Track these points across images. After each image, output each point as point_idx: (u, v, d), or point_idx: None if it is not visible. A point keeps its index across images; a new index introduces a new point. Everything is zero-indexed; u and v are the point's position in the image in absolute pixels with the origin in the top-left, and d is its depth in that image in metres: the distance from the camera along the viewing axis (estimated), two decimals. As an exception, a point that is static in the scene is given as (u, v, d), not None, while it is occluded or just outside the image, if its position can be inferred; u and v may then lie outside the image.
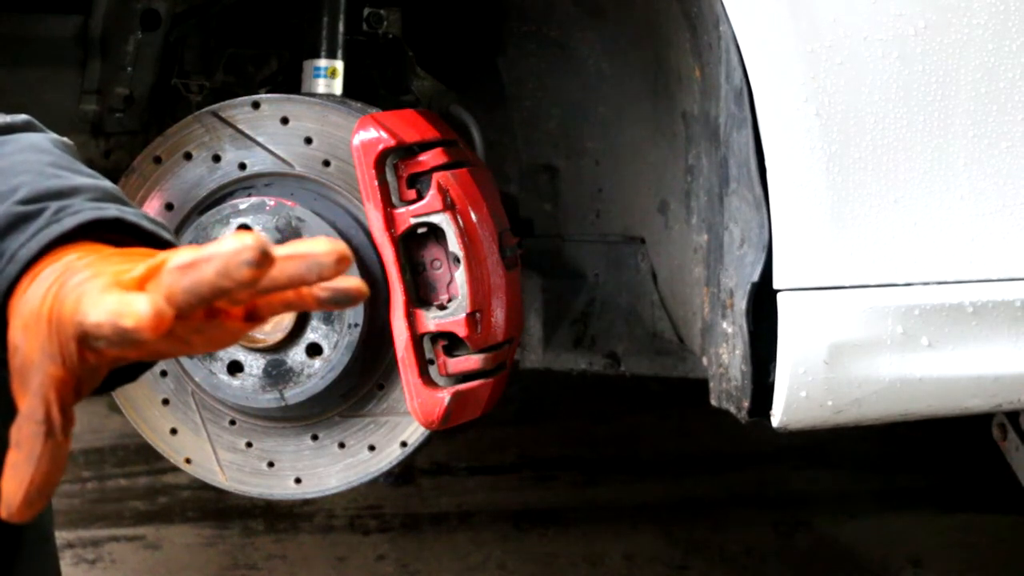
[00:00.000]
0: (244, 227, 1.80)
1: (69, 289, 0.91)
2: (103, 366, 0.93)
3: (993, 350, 1.62)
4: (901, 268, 1.60)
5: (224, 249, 0.85)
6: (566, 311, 2.13)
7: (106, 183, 1.06)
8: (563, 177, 2.15)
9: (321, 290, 0.92)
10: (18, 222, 0.98)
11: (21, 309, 0.93)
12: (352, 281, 0.92)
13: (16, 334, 0.93)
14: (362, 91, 2.02)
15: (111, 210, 1.01)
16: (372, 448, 1.87)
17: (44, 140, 1.11)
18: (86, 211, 0.99)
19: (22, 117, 1.14)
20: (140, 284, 0.89)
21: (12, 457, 0.90)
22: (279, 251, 0.87)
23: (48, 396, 0.90)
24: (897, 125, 1.58)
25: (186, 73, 2.07)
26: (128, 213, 1.01)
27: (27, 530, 1.17)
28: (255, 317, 0.94)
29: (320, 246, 0.87)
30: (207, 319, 0.92)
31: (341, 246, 0.88)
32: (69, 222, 0.98)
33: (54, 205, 0.99)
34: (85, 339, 0.90)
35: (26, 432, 0.90)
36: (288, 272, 0.87)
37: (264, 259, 0.84)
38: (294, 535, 2.87)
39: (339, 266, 0.87)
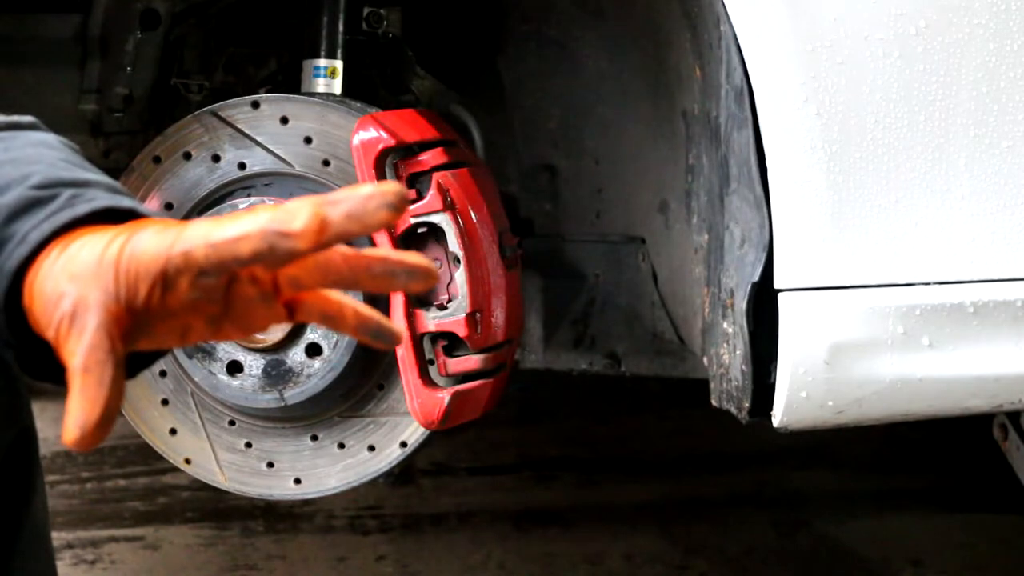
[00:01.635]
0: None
1: (151, 235, 0.92)
2: (158, 320, 0.93)
3: (994, 350, 1.62)
4: (902, 268, 1.60)
5: (361, 191, 0.88)
6: (566, 311, 2.12)
7: (115, 182, 1.07)
8: (563, 177, 2.15)
9: (363, 320, 0.94)
10: (31, 205, 0.98)
11: (66, 266, 0.93)
12: (396, 325, 0.94)
13: (60, 284, 0.92)
14: (362, 91, 2.02)
15: (125, 201, 1.01)
16: (372, 448, 1.87)
17: (53, 139, 1.11)
18: (101, 199, 0.99)
19: (28, 118, 1.14)
20: None
21: (82, 381, 0.89)
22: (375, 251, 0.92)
23: (111, 331, 0.91)
24: (898, 125, 1.58)
25: (186, 73, 2.07)
26: (140, 207, 1.01)
27: (23, 530, 1.17)
28: (294, 313, 0.96)
29: (415, 258, 0.91)
30: (269, 290, 0.94)
31: (432, 267, 0.92)
32: (83, 208, 0.98)
33: (68, 192, 0.99)
34: (182, 273, 0.90)
35: (94, 359, 0.90)
36: (377, 268, 0.91)
37: (402, 205, 0.87)
38: (294, 535, 2.87)
39: (427, 282, 0.91)
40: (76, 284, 0.92)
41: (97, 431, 0.89)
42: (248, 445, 1.90)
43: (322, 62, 1.95)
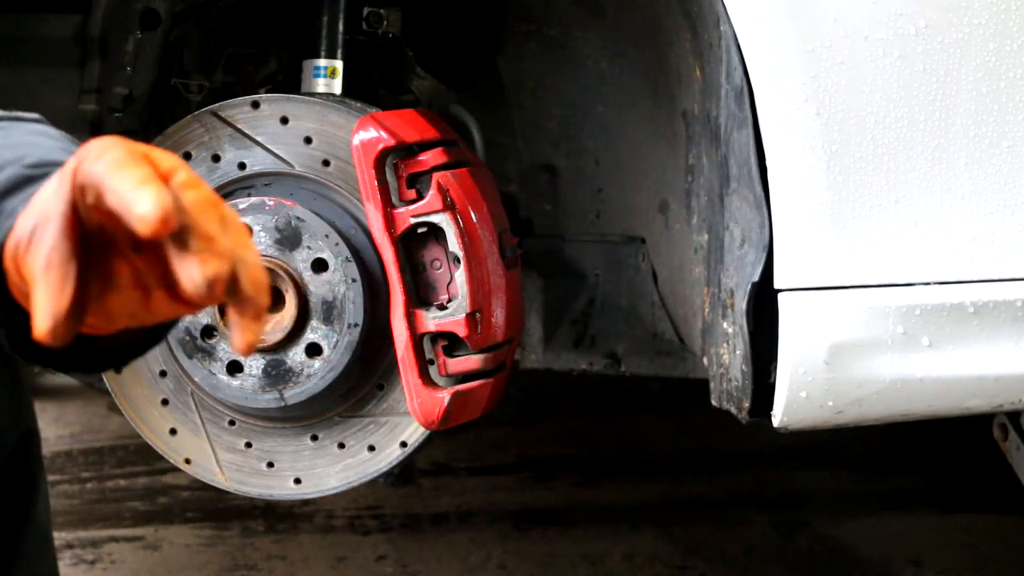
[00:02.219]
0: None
1: (97, 142, 0.90)
2: (106, 250, 0.91)
3: (994, 350, 1.62)
4: (902, 268, 1.60)
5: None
6: (566, 311, 2.13)
7: None
8: (563, 177, 2.15)
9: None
10: (23, 183, 0.98)
11: (31, 206, 0.92)
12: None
13: (25, 218, 0.91)
14: (362, 91, 2.02)
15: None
16: (372, 448, 1.87)
17: (53, 131, 1.11)
18: None
19: (33, 115, 1.14)
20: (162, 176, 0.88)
21: (45, 277, 0.87)
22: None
23: (71, 235, 0.88)
24: (898, 125, 1.58)
25: (186, 73, 2.07)
26: None
27: (27, 530, 1.17)
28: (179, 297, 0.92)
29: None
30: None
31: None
32: None
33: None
34: (84, 188, 0.88)
35: (56, 256, 0.87)
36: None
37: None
38: (294, 535, 2.87)
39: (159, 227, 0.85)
40: (38, 206, 0.90)
41: (67, 322, 0.87)
42: (248, 445, 1.90)
43: (322, 62, 1.95)
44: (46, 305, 0.86)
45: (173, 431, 1.92)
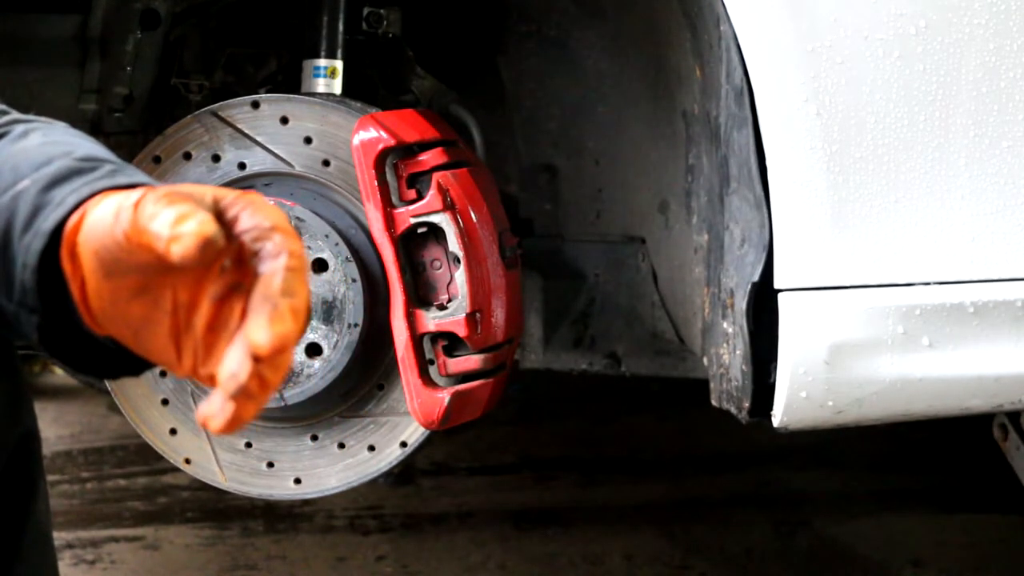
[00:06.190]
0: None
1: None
2: None
3: (994, 350, 1.62)
4: (902, 268, 1.60)
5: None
6: (566, 311, 2.13)
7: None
8: (563, 177, 2.15)
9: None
10: (72, 174, 1.00)
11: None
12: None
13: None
14: (362, 91, 2.02)
15: (163, 187, 1.02)
16: (372, 448, 1.87)
17: (83, 133, 1.12)
18: (140, 177, 1.01)
19: (62, 122, 1.15)
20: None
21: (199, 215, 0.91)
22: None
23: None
24: (898, 125, 1.58)
25: (186, 73, 2.07)
26: None
27: (26, 531, 1.17)
28: None
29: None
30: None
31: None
32: (122, 179, 0.99)
33: (109, 166, 1.02)
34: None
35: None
36: None
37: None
38: (294, 535, 2.87)
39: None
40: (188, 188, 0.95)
41: (213, 238, 0.90)
42: (248, 445, 1.90)
43: (322, 62, 1.95)
44: (197, 218, 0.90)
45: (173, 431, 1.92)
